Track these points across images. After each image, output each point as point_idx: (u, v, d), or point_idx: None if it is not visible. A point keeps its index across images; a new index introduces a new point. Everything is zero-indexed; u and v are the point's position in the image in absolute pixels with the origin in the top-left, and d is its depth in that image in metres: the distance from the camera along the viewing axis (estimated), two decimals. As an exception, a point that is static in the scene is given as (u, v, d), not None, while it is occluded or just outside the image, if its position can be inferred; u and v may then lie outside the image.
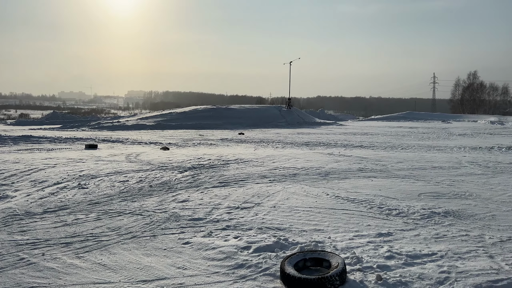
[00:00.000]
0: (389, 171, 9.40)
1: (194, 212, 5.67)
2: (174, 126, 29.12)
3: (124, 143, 17.18)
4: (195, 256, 4.00)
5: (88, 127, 29.38)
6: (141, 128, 27.97)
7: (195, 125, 29.78)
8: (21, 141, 16.17)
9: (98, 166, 9.58)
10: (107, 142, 17.51)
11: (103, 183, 7.61)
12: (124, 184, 7.49)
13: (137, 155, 11.81)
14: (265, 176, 8.62)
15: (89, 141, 16.99)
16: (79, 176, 8.22)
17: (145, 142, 17.35)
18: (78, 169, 9.05)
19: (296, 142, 18.41)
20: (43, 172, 8.52)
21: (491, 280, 3.40)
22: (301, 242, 4.32)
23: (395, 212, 5.73)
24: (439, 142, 18.62)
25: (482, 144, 17.26)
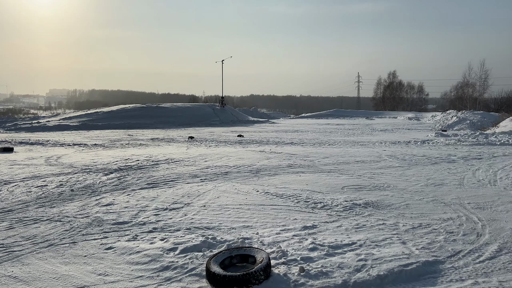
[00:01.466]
0: (316, 166, 9.79)
1: (119, 215, 5.44)
2: (101, 126, 27.69)
3: (45, 145, 15.97)
4: (118, 261, 3.84)
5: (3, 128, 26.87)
6: (64, 129, 26.22)
7: (123, 125, 28.59)
8: None
9: (13, 170, 8.82)
10: (25, 144, 16.16)
11: (18, 188, 7.02)
12: (42, 189, 6.98)
13: (58, 158, 11.06)
14: (196, 175, 8.53)
15: (4, 144, 15.55)
16: (-11, 182, 7.50)
17: (68, 144, 16.29)
18: (-11, 174, 8.24)
19: (229, 141, 18.46)
20: None
21: (402, 265, 3.69)
22: (229, 240, 4.34)
23: (320, 205, 5.99)
24: (363, 138, 19.77)
25: (401, 139, 18.65)
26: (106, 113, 32.61)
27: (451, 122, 30.67)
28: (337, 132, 24.11)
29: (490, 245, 4.30)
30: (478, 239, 4.51)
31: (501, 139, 16.64)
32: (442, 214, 5.52)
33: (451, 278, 3.50)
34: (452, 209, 5.79)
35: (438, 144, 15.77)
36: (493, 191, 6.99)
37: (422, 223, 5.07)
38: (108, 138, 19.29)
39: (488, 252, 4.11)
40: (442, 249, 4.17)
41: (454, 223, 5.11)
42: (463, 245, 4.30)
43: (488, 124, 26.89)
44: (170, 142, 17.43)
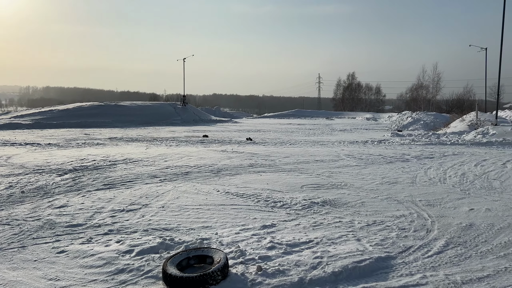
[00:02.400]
0: (277, 165, 9.90)
1: (72, 218, 5.25)
2: (56, 125, 26.55)
3: (-7, 144, 15.08)
4: (70, 265, 3.70)
5: None
6: (15, 128, 24.90)
7: (80, 124, 27.56)
8: None
9: (-44, 172, 8.28)
10: (-29, 144, 15.19)
11: (-38, 191, 6.60)
12: (-11, 192, 6.60)
13: (8, 158, 10.50)
14: (155, 175, 8.38)
15: None
16: None
17: (19, 143, 15.49)
18: None
19: (191, 140, 18.26)
20: None
21: (356, 261, 3.81)
22: (188, 241, 4.30)
23: (280, 204, 6.06)
24: (323, 138, 20.20)
25: (359, 139, 19.22)
26: (61, 111, 31.31)
27: (406, 122, 31.96)
28: (298, 132, 24.48)
29: (438, 240, 4.53)
30: (428, 235, 4.74)
31: (451, 139, 17.55)
32: (395, 211, 5.76)
33: (402, 273, 3.66)
34: (404, 206, 6.05)
35: (394, 143, 16.40)
36: (443, 188, 7.36)
37: (376, 220, 5.26)
38: (63, 137, 18.54)
39: (436, 247, 4.33)
40: (394, 245, 4.34)
41: (406, 220, 5.34)
42: (414, 241, 4.50)
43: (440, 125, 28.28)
44: (129, 142, 17.00)
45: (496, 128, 18.22)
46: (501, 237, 4.67)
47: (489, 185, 7.70)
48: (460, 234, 4.77)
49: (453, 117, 29.36)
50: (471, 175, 8.68)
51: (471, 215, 5.59)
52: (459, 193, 7.00)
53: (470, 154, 12.33)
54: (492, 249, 4.31)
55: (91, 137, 18.72)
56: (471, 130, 19.80)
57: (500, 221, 5.29)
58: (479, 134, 18.01)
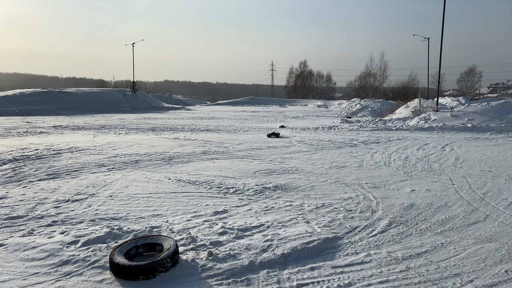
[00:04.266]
0: (230, 152, 9.90)
1: (12, 209, 4.95)
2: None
3: None
4: (9, 259, 3.50)
5: None
6: None
7: (21, 111, 25.89)
8: None
9: None
10: None
11: None
12: None
13: None
14: (103, 164, 8.09)
15: None
16: None
17: (-50, 132, 14.29)
18: None
19: (141, 128, 17.77)
20: None
21: (305, 242, 3.92)
22: (136, 230, 4.21)
23: (232, 190, 6.08)
24: (276, 124, 20.43)
25: (310, 125, 19.65)
26: (0, 98, 29.20)
27: (355, 109, 33.09)
28: (252, 119, 24.58)
29: (382, 220, 4.77)
30: (372, 215, 4.97)
31: (396, 124, 18.41)
32: (343, 194, 5.97)
33: (348, 252, 3.82)
34: (351, 189, 6.29)
35: (343, 130, 16.93)
36: (387, 171, 7.73)
37: (325, 203, 5.44)
38: (2, 125, 17.35)
39: (380, 226, 4.55)
40: (341, 226, 4.52)
41: (353, 201, 5.56)
42: (359, 222, 4.71)
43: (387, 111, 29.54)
44: (75, 130, 16.24)
45: (437, 114, 19.35)
46: (438, 215, 5.00)
47: (429, 167, 8.18)
48: (402, 213, 5.05)
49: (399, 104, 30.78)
50: (413, 159, 9.18)
51: (412, 195, 5.93)
52: (402, 175, 7.39)
53: (413, 139, 13.02)
54: (430, 226, 4.60)
55: (34, 126, 17.67)
56: (415, 116, 20.89)
57: (438, 201, 5.66)
58: (422, 120, 19.04)
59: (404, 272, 3.42)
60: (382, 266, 3.53)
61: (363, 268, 3.48)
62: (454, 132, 15.67)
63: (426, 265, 3.56)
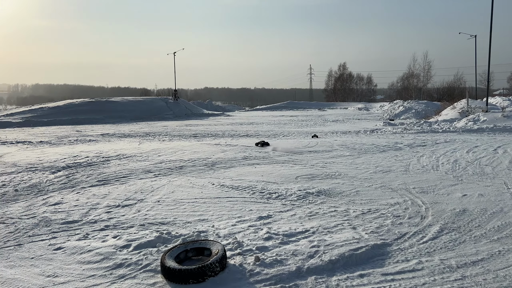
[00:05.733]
0: (270, 157, 9.92)
1: (68, 214, 5.23)
2: (47, 123, 26.28)
3: (-17, 144, 14.91)
4: (68, 262, 3.70)
5: None
6: (5, 126, 24.61)
7: (71, 121, 27.32)
8: None
9: None
10: (-40, 143, 14.99)
11: (-46, 191, 6.53)
12: (-18, 191, 6.54)
13: (0, 157, 10.39)
14: (149, 170, 8.36)
15: None
16: None
17: (10, 142, 15.33)
18: None
19: (184, 134, 18.22)
20: None
21: (353, 249, 3.85)
22: (184, 234, 4.31)
23: (275, 195, 6.09)
24: (316, 129, 20.25)
25: (351, 129, 19.30)
26: (52, 109, 30.98)
27: (398, 111, 32.16)
28: (291, 124, 24.51)
29: (433, 226, 4.59)
30: (422, 221, 4.80)
31: (443, 126, 17.70)
32: (390, 199, 5.81)
33: (398, 259, 3.71)
34: (398, 194, 6.11)
35: (386, 133, 16.50)
36: (436, 175, 7.44)
37: (371, 209, 5.31)
38: (55, 134, 18.38)
39: (431, 233, 4.39)
40: (389, 232, 4.39)
41: (400, 207, 5.40)
42: (409, 228, 4.56)
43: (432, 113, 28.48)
44: (122, 138, 16.91)
45: (487, 115, 18.41)
46: (494, 222, 4.74)
47: (481, 171, 7.79)
48: (454, 219, 4.84)
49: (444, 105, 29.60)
50: (463, 162, 8.78)
51: (464, 201, 5.67)
52: (452, 179, 7.08)
53: (461, 141, 12.45)
54: (485, 233, 4.38)
55: (83, 134, 18.59)
56: (462, 118, 19.99)
57: (493, 206, 5.37)
58: (470, 121, 18.18)
59: (459, 280, 3.27)
60: (435, 274, 3.40)
61: (415, 276, 3.37)
62: (506, 134, 14.83)
63: (483, 274, 3.39)
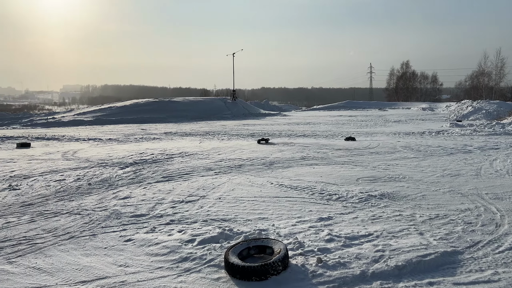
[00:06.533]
0: (329, 158, 9.76)
1: (136, 208, 5.52)
2: (115, 121, 27.98)
3: (60, 140, 16.23)
4: (137, 253, 3.91)
5: (19, 124, 27.36)
6: (78, 124, 26.58)
7: (136, 119, 28.84)
8: None
9: (31, 165, 9.00)
10: (42, 140, 16.44)
11: (37, 183, 7.17)
12: (61, 183, 7.11)
13: (75, 153, 11.23)
14: (210, 168, 8.58)
15: (21, 140, 15.84)
16: (9, 177, 7.67)
17: (83, 139, 16.52)
18: (9, 169, 8.43)
19: (242, 134, 18.50)
20: (-33, 175, 7.84)
21: (421, 255, 3.67)
22: (246, 231, 4.38)
23: (335, 197, 5.98)
24: (376, 129, 19.60)
25: (415, 130, 18.44)
26: (119, 108, 32.93)
27: (466, 112, 30.17)
28: (350, 124, 23.95)
29: (510, 236, 4.25)
30: (497, 229, 4.46)
31: (518, 128, 16.32)
32: (460, 204, 5.47)
33: (471, 269, 3.48)
34: (469, 199, 5.73)
35: (453, 134, 15.56)
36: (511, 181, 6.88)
37: (439, 214, 5.03)
38: (122, 132, 19.50)
39: (507, 242, 4.06)
40: (460, 240, 4.13)
41: (472, 213, 5.06)
42: (482, 236, 4.26)
43: (505, 114, 26.37)
44: (183, 136, 17.54)
45: None
46: None
47: None
48: (534, 229, 4.44)
49: (520, 105, 27.25)
50: (543, 167, 8.04)
51: (546, 209, 5.18)
52: (531, 186, 6.51)
53: (541, 145, 11.41)
54: None
55: (148, 132, 19.54)
56: (542, 119, 18.28)
57: None
58: (551, 122, 16.58)
59: (543, 296, 3.00)
60: (515, 287, 3.14)
61: (491, 288, 3.14)
62: None
63: None
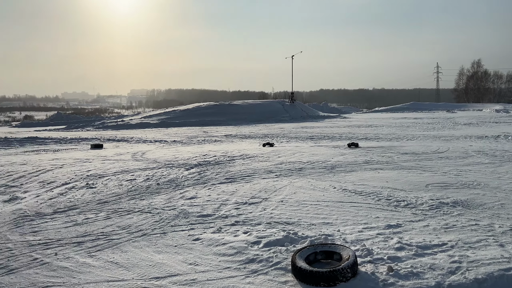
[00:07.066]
0: (395, 162, 9.38)
1: (202, 208, 5.69)
2: (178, 124, 29.16)
3: (129, 142, 17.24)
4: (206, 252, 4.03)
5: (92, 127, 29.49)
6: (145, 127, 28.05)
7: (198, 122, 29.82)
8: (27, 143, 16.26)
9: (105, 165, 9.63)
10: (112, 141, 17.58)
11: (111, 182, 7.66)
12: (132, 183, 7.54)
13: (143, 154, 11.85)
14: (271, 171, 8.63)
15: (95, 141, 17.06)
16: (86, 176, 8.28)
17: (150, 141, 17.40)
18: (85, 169, 9.10)
19: (301, 136, 18.41)
20: (50, 173, 8.58)
21: (503, 269, 3.40)
22: (311, 236, 4.33)
23: (403, 203, 5.73)
24: (444, 132, 18.53)
25: (488, 133, 17.17)
26: (182, 111, 34.28)
27: (548, 114, 27.49)
28: (415, 127, 22.87)
29: None
30: None
31: None
32: (546, 216, 4.99)
33: None
34: (557, 210, 5.21)
35: (534, 138, 14.26)
36: None
37: (522, 225, 4.63)
38: (186, 135, 20.26)
39: None
40: (549, 255, 3.76)
41: (561, 226, 4.59)
42: None
43: None
44: (243, 139, 17.83)
45: None
46: None
47: None
48: None
49: None
50: None
51: None
52: None
53: None
54: None
55: (209, 135, 20.12)
56: None
57: None
58: None
59: None
60: None
61: None
62: None
63: None
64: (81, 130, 27.49)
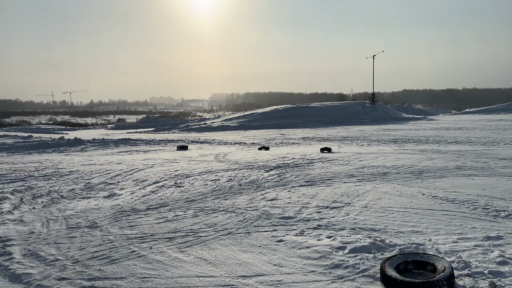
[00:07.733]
0: (492, 168, 8.57)
1: (284, 210, 5.73)
2: (256, 126, 29.73)
3: (211, 143, 17.99)
4: (290, 254, 4.04)
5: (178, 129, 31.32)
6: (225, 129, 29.05)
7: (276, 125, 30.10)
8: (121, 144, 17.79)
9: (191, 166, 10.16)
10: (196, 143, 18.49)
11: (197, 181, 8.05)
12: (216, 183, 7.85)
13: (225, 155, 12.28)
14: (352, 175, 8.40)
15: (180, 143, 18.10)
16: (174, 175, 8.80)
17: (230, 143, 17.99)
18: (173, 169, 9.69)
19: (383, 139, 17.68)
20: (143, 172, 9.28)
21: None
22: (400, 244, 4.13)
23: (504, 213, 5.21)
24: (551, 136, 16.49)
25: None
26: (260, 114, 34.88)
27: None
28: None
29: None
30: None
31: None
32: None
33: None
34: None
35: None
36: None
37: None
38: (263, 137, 20.59)
39: None
40: None
41: None
42: None
43: None
44: (321, 141, 17.60)
45: None
46: None
47: None
48: None
49: None
50: None
51: None
52: None
53: None
54: None
55: (287, 137, 20.21)
56: None
57: None
58: None
59: None
60: None
61: None
62: None
63: None
64: (167, 132, 29.35)
